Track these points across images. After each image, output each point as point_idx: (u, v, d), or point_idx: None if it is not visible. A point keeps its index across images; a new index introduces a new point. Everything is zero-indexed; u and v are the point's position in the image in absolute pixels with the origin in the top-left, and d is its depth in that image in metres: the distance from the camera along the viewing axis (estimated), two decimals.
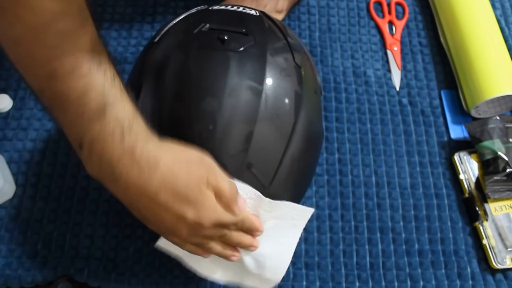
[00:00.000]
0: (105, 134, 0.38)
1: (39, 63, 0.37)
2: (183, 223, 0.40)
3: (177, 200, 0.40)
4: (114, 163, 0.39)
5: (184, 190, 0.40)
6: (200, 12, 0.53)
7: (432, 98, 0.70)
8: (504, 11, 0.77)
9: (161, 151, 0.40)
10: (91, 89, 0.37)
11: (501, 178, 0.62)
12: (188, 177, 0.40)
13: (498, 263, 0.59)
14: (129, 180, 0.39)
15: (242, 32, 0.48)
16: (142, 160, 0.39)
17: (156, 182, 0.39)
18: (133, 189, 0.39)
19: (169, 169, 0.40)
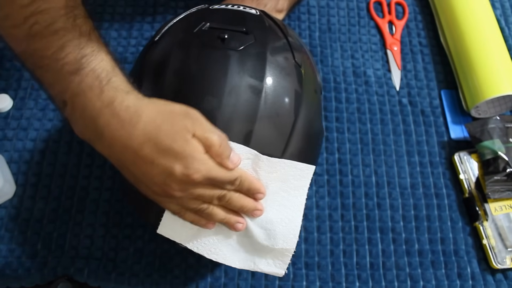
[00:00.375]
0: (84, 87, 0.38)
1: (16, 23, 0.38)
2: (173, 179, 0.38)
3: (162, 153, 0.38)
4: (96, 117, 0.38)
5: (168, 142, 0.38)
6: (201, 11, 0.53)
7: (432, 98, 0.70)
8: (504, 11, 0.77)
9: (143, 103, 0.39)
10: (67, 44, 0.38)
11: (501, 178, 0.62)
12: (173, 128, 0.38)
13: (498, 263, 0.59)
14: (112, 134, 0.38)
15: (243, 31, 0.48)
16: (122, 112, 0.38)
17: (139, 134, 0.38)
18: (117, 144, 0.38)
19: (151, 120, 0.38)
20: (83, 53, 0.38)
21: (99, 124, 0.38)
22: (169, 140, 0.38)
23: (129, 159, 0.39)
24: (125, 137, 0.38)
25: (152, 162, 0.38)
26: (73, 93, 0.38)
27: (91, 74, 0.38)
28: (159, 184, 0.39)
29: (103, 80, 0.39)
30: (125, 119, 0.38)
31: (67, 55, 0.38)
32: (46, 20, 0.38)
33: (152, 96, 0.46)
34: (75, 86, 0.38)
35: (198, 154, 0.39)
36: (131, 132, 0.38)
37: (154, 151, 0.38)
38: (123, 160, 0.40)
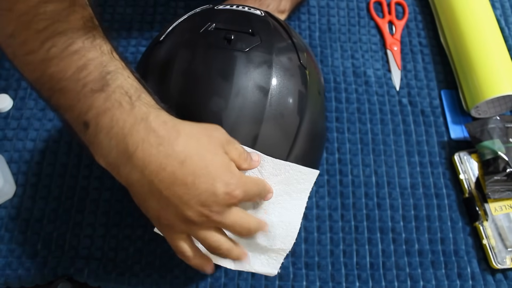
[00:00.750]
0: (112, 103, 0.35)
1: (33, 48, 0.36)
2: (215, 199, 0.36)
3: (204, 170, 0.36)
4: (127, 135, 0.35)
5: (210, 157, 0.36)
6: (206, 12, 0.53)
7: (432, 98, 0.70)
8: (504, 11, 0.77)
9: (177, 120, 0.37)
10: (88, 63, 0.36)
11: (501, 178, 0.62)
12: (210, 143, 0.37)
13: (498, 263, 0.59)
14: (147, 152, 0.35)
15: (249, 32, 0.48)
16: (160, 128, 0.35)
17: (180, 151, 0.35)
18: (152, 164, 0.35)
19: (191, 135, 0.36)
20: (107, 70, 0.36)
21: (130, 143, 0.35)
22: (211, 155, 0.36)
23: (165, 181, 0.35)
24: (164, 155, 0.35)
25: (194, 181, 0.35)
26: (97, 112, 0.35)
27: (118, 90, 0.36)
28: (197, 207, 0.36)
29: (132, 96, 0.36)
30: (164, 135, 0.35)
31: (89, 73, 0.36)
32: (65, 42, 0.36)
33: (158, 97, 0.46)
34: (101, 104, 0.35)
35: (234, 168, 0.38)
36: (171, 149, 0.35)
37: (197, 167, 0.35)
38: (155, 184, 0.36)
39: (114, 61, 0.37)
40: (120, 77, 0.36)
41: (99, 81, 0.35)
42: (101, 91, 0.35)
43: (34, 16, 0.35)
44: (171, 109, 0.40)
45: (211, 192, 0.36)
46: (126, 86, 0.36)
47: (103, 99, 0.35)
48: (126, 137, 0.35)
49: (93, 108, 0.35)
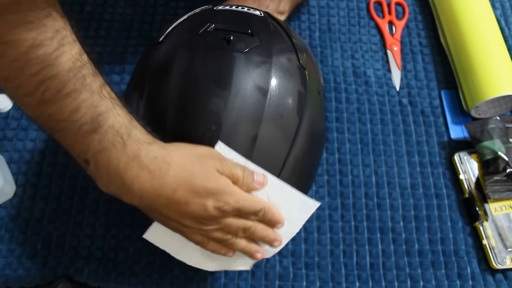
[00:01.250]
0: (106, 144, 0.39)
1: (28, 92, 0.39)
2: (206, 214, 0.40)
3: (196, 194, 0.40)
4: (123, 172, 0.39)
5: (201, 183, 0.40)
6: (205, 12, 0.53)
7: (432, 98, 0.70)
8: (504, 11, 0.77)
9: (168, 151, 0.40)
10: (80, 105, 0.39)
11: (501, 178, 0.61)
12: (203, 169, 0.40)
13: (498, 263, 0.59)
14: (142, 186, 0.39)
15: (248, 32, 0.48)
16: (151, 163, 0.39)
17: (171, 182, 0.39)
18: (148, 194, 0.40)
19: (181, 166, 0.40)
20: (98, 111, 0.39)
21: (127, 178, 0.39)
22: (202, 181, 0.40)
23: (162, 204, 0.40)
24: (157, 186, 0.39)
25: (187, 202, 0.40)
26: (95, 152, 0.39)
27: (110, 131, 0.39)
28: (192, 220, 0.41)
29: (123, 135, 0.39)
30: (155, 170, 0.39)
31: (83, 115, 0.39)
32: (56, 86, 0.38)
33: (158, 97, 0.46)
34: (96, 144, 0.39)
35: (229, 188, 0.41)
36: (163, 181, 0.39)
37: (188, 193, 0.40)
38: (154, 207, 0.41)
39: (105, 100, 0.40)
40: (111, 117, 0.39)
41: (92, 122, 0.39)
42: (95, 133, 0.39)
43: (26, 62, 0.37)
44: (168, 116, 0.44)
45: (203, 209, 0.40)
46: (117, 125, 0.39)
47: (97, 141, 0.39)
48: (122, 174, 0.39)
49: (90, 148, 0.39)
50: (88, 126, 0.39)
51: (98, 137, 0.39)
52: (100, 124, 0.39)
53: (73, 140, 0.39)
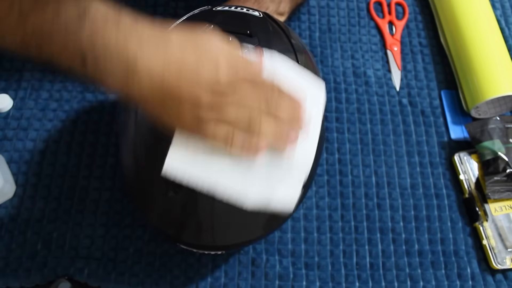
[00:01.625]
0: (98, 25, 0.36)
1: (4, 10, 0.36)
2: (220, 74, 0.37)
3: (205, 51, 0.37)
4: (123, 47, 0.36)
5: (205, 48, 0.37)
6: (204, 13, 0.53)
7: (432, 99, 0.70)
8: (504, 11, 0.77)
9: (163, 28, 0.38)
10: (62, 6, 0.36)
11: (501, 178, 0.62)
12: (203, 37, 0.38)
13: (498, 264, 0.59)
14: (148, 54, 0.36)
15: (247, 33, 0.48)
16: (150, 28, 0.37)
17: (176, 48, 0.37)
18: (157, 64, 0.36)
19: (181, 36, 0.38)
20: (83, 4, 0.36)
21: (130, 52, 0.36)
22: (205, 46, 0.38)
23: (173, 72, 0.36)
24: (164, 48, 0.37)
25: (198, 61, 0.37)
26: (89, 39, 0.36)
27: (99, 12, 0.36)
28: (208, 89, 0.37)
29: (113, 18, 0.37)
30: (155, 32, 0.37)
31: (67, 14, 0.36)
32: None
33: None
34: (88, 30, 0.36)
35: (234, 52, 0.39)
36: (167, 40, 0.37)
37: (198, 52, 0.37)
38: (165, 83, 0.36)
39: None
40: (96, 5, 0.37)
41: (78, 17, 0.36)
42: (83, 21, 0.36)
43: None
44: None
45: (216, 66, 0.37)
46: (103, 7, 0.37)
47: (88, 26, 0.35)
48: (124, 50, 0.36)
49: (83, 38, 0.36)
50: (76, 21, 0.36)
51: (88, 23, 0.36)
52: (89, 12, 0.36)
53: (64, 42, 0.36)
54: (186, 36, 0.38)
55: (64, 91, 0.66)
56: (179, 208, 0.46)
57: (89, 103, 0.65)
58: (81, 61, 0.36)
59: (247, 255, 0.58)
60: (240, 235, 0.48)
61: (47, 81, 0.66)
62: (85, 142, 0.62)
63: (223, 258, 0.57)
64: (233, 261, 0.57)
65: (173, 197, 0.45)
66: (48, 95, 0.65)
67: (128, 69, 0.36)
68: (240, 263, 0.57)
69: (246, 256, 0.58)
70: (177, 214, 0.47)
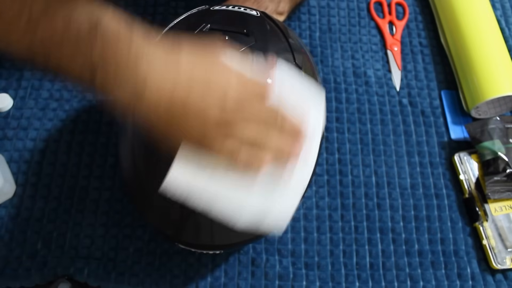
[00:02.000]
0: (110, 45, 0.36)
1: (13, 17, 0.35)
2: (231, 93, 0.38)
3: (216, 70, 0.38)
4: (134, 63, 0.36)
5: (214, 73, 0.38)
6: (201, 12, 0.53)
7: (432, 99, 0.70)
8: (504, 11, 0.77)
9: (175, 46, 0.38)
10: (73, 17, 0.35)
11: (501, 178, 0.62)
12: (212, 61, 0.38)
13: (498, 264, 0.59)
14: (159, 69, 0.36)
15: (243, 32, 0.48)
16: (163, 45, 0.37)
17: (187, 57, 0.37)
18: (168, 79, 0.36)
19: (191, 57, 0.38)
20: (95, 16, 0.36)
21: (140, 71, 0.36)
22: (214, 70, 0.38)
23: (182, 90, 0.37)
24: (173, 68, 0.37)
25: (207, 81, 0.37)
26: (99, 54, 0.35)
27: (111, 27, 0.36)
28: (216, 107, 0.37)
29: (126, 35, 0.37)
30: (166, 51, 0.37)
31: (79, 25, 0.35)
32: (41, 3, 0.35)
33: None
34: (99, 46, 0.35)
35: (242, 77, 0.39)
36: (177, 60, 0.37)
37: (207, 71, 0.37)
38: (174, 102, 0.37)
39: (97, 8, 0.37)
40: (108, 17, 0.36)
41: (90, 29, 0.35)
42: (96, 37, 0.35)
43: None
44: None
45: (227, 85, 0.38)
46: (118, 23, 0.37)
47: (100, 38, 0.35)
48: (135, 65, 0.36)
49: (94, 50, 0.35)
50: (87, 34, 0.35)
51: (100, 35, 0.35)
52: (101, 24, 0.36)
53: (72, 54, 0.36)
54: (196, 54, 0.38)
55: (64, 90, 0.66)
56: (178, 208, 0.46)
57: (89, 102, 0.65)
58: (90, 74, 0.36)
59: (247, 255, 0.58)
60: (239, 235, 0.48)
61: (47, 81, 0.66)
62: (85, 141, 0.62)
63: (223, 257, 0.57)
64: (233, 260, 0.57)
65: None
66: (48, 95, 0.65)
67: (137, 87, 0.36)
68: (240, 263, 0.57)
69: (246, 255, 0.58)
70: (176, 214, 0.47)
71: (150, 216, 0.50)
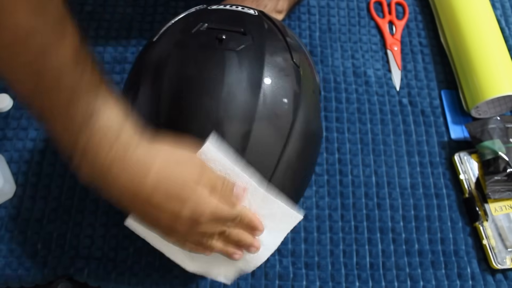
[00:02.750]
0: (94, 143, 0.38)
1: (21, 80, 0.37)
2: (179, 222, 0.41)
3: (170, 201, 0.40)
4: (105, 171, 0.39)
5: (176, 190, 0.40)
6: (199, 12, 0.53)
7: (432, 98, 0.70)
8: (504, 11, 0.77)
9: (152, 155, 0.41)
10: (75, 101, 0.38)
11: (501, 178, 0.61)
12: (180, 176, 0.41)
13: (498, 263, 0.59)
14: (122, 186, 0.40)
15: (240, 31, 0.48)
16: (133, 166, 0.40)
17: (148, 185, 0.40)
18: (126, 195, 0.40)
19: (161, 171, 0.40)
20: (91, 110, 0.38)
21: (109, 177, 0.39)
22: (177, 188, 0.40)
23: (138, 206, 0.41)
24: (136, 189, 0.40)
25: (160, 208, 0.40)
26: (82, 149, 0.39)
27: (101, 130, 0.39)
28: (166, 226, 0.42)
29: (113, 136, 0.39)
30: (136, 173, 0.40)
31: (76, 113, 0.38)
32: (53, 78, 0.36)
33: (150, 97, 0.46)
34: (84, 143, 0.38)
35: (204, 198, 0.41)
36: (141, 184, 0.40)
37: (163, 199, 0.40)
38: (131, 206, 0.42)
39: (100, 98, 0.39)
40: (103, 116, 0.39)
41: (83, 121, 0.38)
42: (84, 132, 0.38)
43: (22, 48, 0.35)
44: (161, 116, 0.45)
45: (176, 215, 0.41)
46: (109, 125, 0.39)
47: (86, 139, 0.38)
48: (106, 172, 0.39)
49: (77, 145, 0.39)
50: (79, 124, 0.38)
51: (87, 136, 0.38)
52: (92, 123, 0.38)
53: (61, 134, 0.39)
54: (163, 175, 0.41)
55: None
56: None
57: None
58: (69, 155, 0.40)
59: None
60: None
61: None
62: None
63: None
64: None
65: None
66: None
67: (104, 184, 0.40)
68: None
69: None
70: None
71: None
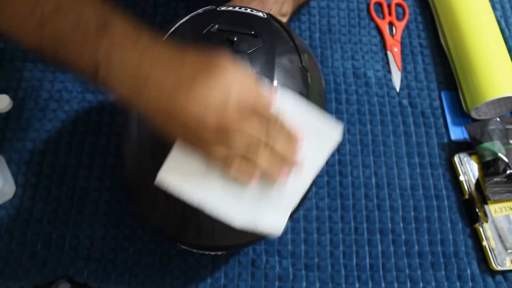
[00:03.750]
0: (116, 42, 0.37)
1: (26, 15, 0.37)
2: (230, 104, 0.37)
3: (217, 78, 0.38)
4: (138, 63, 0.37)
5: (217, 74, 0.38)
6: (208, 12, 0.53)
7: (432, 99, 0.70)
8: (504, 12, 0.77)
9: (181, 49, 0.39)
10: (83, 15, 0.37)
11: (501, 179, 0.61)
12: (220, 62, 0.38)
13: (498, 265, 0.59)
14: (160, 72, 0.37)
15: (251, 34, 0.48)
16: (167, 48, 0.38)
17: (187, 74, 0.37)
18: (168, 81, 0.37)
19: (196, 61, 0.38)
20: (103, 19, 0.37)
21: (143, 69, 0.37)
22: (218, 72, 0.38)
23: (182, 94, 0.37)
24: (173, 80, 0.37)
25: (209, 87, 0.37)
26: (105, 51, 0.37)
27: (119, 28, 0.37)
28: (216, 113, 0.38)
29: (133, 33, 0.38)
30: (171, 52, 0.38)
31: (88, 26, 0.37)
32: (53, 3, 0.37)
33: None
34: (106, 44, 0.37)
35: (248, 83, 0.39)
36: (179, 74, 0.37)
37: (210, 77, 0.37)
38: (174, 102, 0.37)
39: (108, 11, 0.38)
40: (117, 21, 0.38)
41: (98, 29, 0.37)
42: (103, 37, 0.37)
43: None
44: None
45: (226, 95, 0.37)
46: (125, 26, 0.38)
47: (107, 43, 0.37)
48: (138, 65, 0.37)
49: (100, 48, 0.37)
50: (95, 33, 0.37)
51: (107, 39, 0.37)
52: (109, 27, 0.37)
53: (80, 49, 0.37)
54: (200, 60, 0.39)
55: (64, 91, 0.66)
56: (180, 208, 0.46)
57: (89, 103, 0.65)
58: (94, 69, 0.38)
59: (247, 256, 0.58)
60: (240, 236, 0.48)
61: (47, 81, 0.66)
62: (85, 142, 0.62)
63: (223, 259, 0.57)
64: (233, 262, 0.57)
65: (174, 197, 0.45)
66: (48, 96, 0.65)
67: (138, 85, 0.37)
68: (240, 264, 0.57)
69: (246, 257, 0.58)
70: (179, 214, 0.47)
71: (152, 216, 0.50)
